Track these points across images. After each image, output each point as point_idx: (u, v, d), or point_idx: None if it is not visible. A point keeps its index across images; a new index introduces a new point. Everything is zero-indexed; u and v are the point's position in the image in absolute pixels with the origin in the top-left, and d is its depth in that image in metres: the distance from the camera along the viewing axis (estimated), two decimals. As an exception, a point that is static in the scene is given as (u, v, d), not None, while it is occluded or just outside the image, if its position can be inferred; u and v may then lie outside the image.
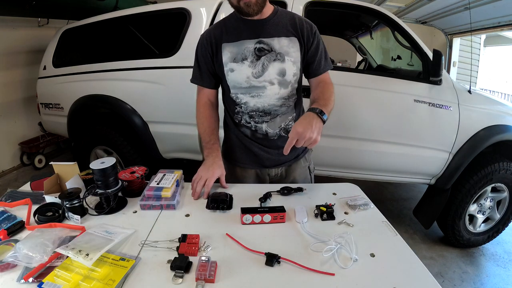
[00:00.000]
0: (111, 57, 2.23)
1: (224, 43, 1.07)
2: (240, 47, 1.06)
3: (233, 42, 1.06)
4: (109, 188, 0.92)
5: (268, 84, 1.07)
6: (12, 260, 0.67)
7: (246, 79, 1.07)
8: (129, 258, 0.71)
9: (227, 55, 1.07)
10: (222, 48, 1.07)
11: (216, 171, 1.05)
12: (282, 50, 1.06)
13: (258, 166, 1.20)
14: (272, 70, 1.06)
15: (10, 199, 0.97)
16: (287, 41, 1.06)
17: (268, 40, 1.05)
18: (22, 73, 3.27)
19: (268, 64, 1.06)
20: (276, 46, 1.05)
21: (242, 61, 1.06)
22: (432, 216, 2.10)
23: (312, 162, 1.30)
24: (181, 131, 2.08)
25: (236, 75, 1.08)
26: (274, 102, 1.10)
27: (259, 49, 1.05)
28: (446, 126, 1.87)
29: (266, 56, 1.05)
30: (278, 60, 1.06)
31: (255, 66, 1.06)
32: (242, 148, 1.19)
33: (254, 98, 1.09)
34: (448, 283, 1.89)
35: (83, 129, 2.38)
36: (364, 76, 1.95)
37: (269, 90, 1.08)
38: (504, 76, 6.44)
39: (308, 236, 0.83)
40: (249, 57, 1.05)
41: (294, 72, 1.08)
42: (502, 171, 1.97)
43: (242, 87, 1.09)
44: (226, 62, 1.07)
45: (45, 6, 2.71)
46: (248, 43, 1.05)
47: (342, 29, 3.23)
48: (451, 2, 2.87)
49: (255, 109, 1.11)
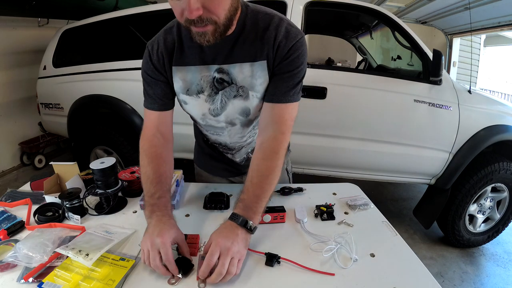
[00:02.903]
0: (111, 57, 2.23)
1: (176, 65, 0.81)
2: (195, 76, 0.81)
3: (187, 66, 0.81)
4: (109, 188, 0.92)
5: (228, 125, 0.89)
6: (12, 260, 0.67)
7: (202, 117, 0.88)
8: (129, 258, 0.71)
9: (179, 83, 0.83)
10: (173, 72, 0.82)
11: (166, 234, 0.67)
12: (245, 83, 0.80)
13: (231, 174, 1.14)
14: (232, 109, 0.84)
15: (10, 199, 0.97)
16: (251, 68, 0.78)
17: (228, 68, 0.79)
18: (22, 73, 3.26)
19: (227, 102, 0.83)
20: (238, 77, 0.79)
21: (197, 94, 0.83)
22: (432, 216, 2.10)
23: (289, 163, 1.21)
24: (181, 131, 2.05)
25: (190, 109, 0.88)
26: (236, 140, 0.96)
27: (218, 80, 0.80)
28: (446, 126, 1.87)
29: (225, 91, 0.81)
30: (239, 96, 0.82)
31: (213, 101, 0.84)
32: (213, 157, 1.09)
33: (214, 135, 0.97)
34: (448, 283, 1.89)
35: (83, 129, 2.38)
36: (364, 76, 1.95)
37: (229, 131, 0.92)
38: (504, 76, 6.44)
39: (308, 236, 0.83)
40: (206, 89, 0.82)
41: (260, 107, 0.84)
42: (502, 171, 1.97)
43: (198, 122, 0.93)
44: (178, 92, 0.85)
45: (45, 6, 2.71)
46: (206, 71, 0.80)
47: (342, 29, 3.23)
48: (451, 2, 2.87)
49: (217, 143, 1.01)
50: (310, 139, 1.93)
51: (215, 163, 1.10)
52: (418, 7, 3.18)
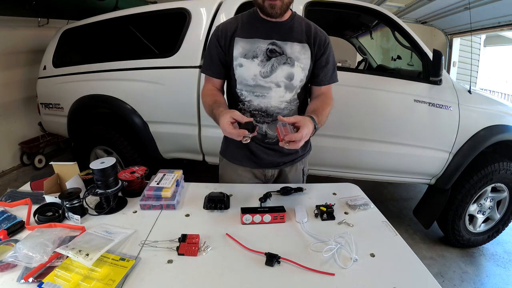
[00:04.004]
0: (111, 57, 2.22)
1: (237, 37, 1.07)
2: (253, 45, 1.06)
3: (247, 38, 1.06)
4: (109, 188, 0.92)
5: (274, 85, 1.08)
6: (12, 260, 0.67)
7: (253, 77, 1.07)
8: (129, 258, 0.71)
9: (239, 49, 1.07)
10: (235, 42, 1.07)
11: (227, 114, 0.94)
12: (293, 55, 1.06)
13: (254, 165, 1.19)
14: (281, 73, 1.07)
15: (10, 199, 0.97)
16: (299, 47, 1.07)
17: (281, 43, 1.06)
18: (22, 73, 3.26)
19: (277, 66, 1.06)
20: (288, 50, 1.06)
21: (252, 58, 1.06)
22: (432, 216, 2.10)
23: (307, 165, 1.30)
24: (181, 131, 2.08)
25: (244, 71, 1.07)
26: (277, 104, 1.10)
27: (271, 50, 1.05)
28: (446, 126, 1.87)
29: (277, 58, 1.06)
30: (288, 64, 1.06)
31: (264, 66, 1.06)
32: (240, 146, 1.16)
33: (259, 97, 1.09)
34: (448, 283, 1.89)
35: (83, 129, 2.38)
36: (364, 76, 1.95)
37: (274, 92, 1.08)
38: (504, 76, 6.44)
39: (308, 236, 0.83)
40: (259, 56, 1.06)
41: (301, 78, 1.09)
42: (502, 171, 1.97)
43: (248, 84, 1.09)
44: (236, 56, 1.07)
45: (45, 6, 2.70)
46: (261, 43, 1.06)
47: (342, 29, 3.24)
48: (451, 2, 2.86)
49: (258, 108, 1.11)
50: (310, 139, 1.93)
51: (241, 152, 1.19)
52: (418, 7, 3.17)
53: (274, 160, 1.18)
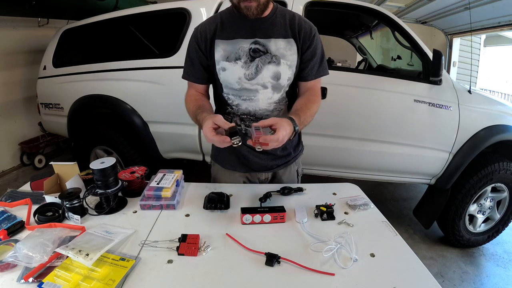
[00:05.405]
0: (111, 57, 2.22)
1: (218, 39, 1.01)
2: (234, 46, 1.00)
3: (227, 39, 1.01)
4: (109, 188, 0.92)
5: (260, 87, 1.03)
6: (12, 260, 0.67)
7: (238, 80, 1.02)
8: (129, 258, 0.71)
9: (220, 52, 1.01)
10: (215, 44, 1.02)
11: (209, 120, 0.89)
12: (278, 52, 1.01)
13: (247, 169, 1.16)
14: (266, 73, 1.01)
15: (10, 199, 0.97)
16: (284, 42, 1.01)
17: (264, 41, 1.00)
18: (22, 73, 3.26)
19: (262, 67, 1.00)
20: (272, 47, 1.00)
21: (235, 60, 1.00)
22: (432, 216, 2.10)
23: (301, 165, 1.27)
24: (181, 131, 2.08)
25: (227, 75, 1.02)
26: (266, 107, 1.05)
27: (254, 50, 1.00)
28: (446, 126, 1.87)
29: (261, 58, 1.00)
30: (273, 62, 1.01)
31: (248, 67, 1.01)
32: (232, 151, 1.12)
33: (246, 101, 1.05)
34: (448, 283, 1.89)
35: (83, 129, 2.38)
36: (364, 76, 1.95)
37: (262, 94, 1.03)
38: (504, 76, 6.44)
39: (308, 236, 0.83)
40: (242, 57, 1.00)
41: (289, 76, 1.03)
42: (502, 171, 1.97)
43: (233, 88, 1.04)
44: (218, 60, 1.02)
45: (45, 6, 2.71)
46: (243, 43, 1.00)
47: (342, 29, 3.23)
48: (451, 2, 2.87)
49: (246, 112, 1.06)
50: (310, 139, 1.92)
51: (233, 157, 1.15)
52: (418, 7, 3.18)
53: (267, 163, 1.15)
